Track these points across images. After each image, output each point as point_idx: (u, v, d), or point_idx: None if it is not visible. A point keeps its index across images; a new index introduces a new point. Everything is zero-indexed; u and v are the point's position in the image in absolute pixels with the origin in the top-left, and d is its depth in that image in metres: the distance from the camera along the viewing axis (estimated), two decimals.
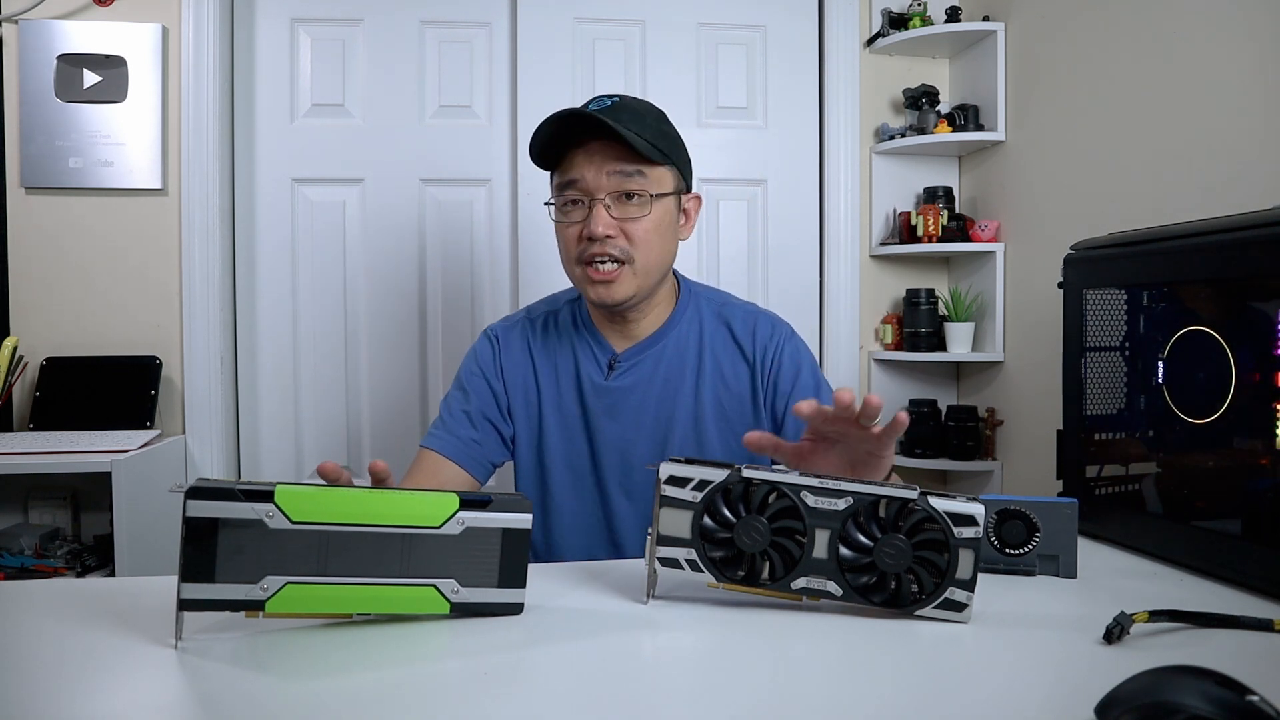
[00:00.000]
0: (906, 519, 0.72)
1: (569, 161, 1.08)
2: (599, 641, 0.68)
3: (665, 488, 0.74)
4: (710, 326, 1.18)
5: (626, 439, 1.14)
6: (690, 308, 1.19)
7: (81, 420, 1.87)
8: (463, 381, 1.19)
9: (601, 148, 1.06)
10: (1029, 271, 2.01)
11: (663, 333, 1.16)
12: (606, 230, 1.05)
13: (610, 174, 1.05)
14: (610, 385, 1.15)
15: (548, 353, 1.18)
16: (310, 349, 2.10)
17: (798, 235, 2.24)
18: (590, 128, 1.05)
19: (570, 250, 1.10)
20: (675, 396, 1.15)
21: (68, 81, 1.91)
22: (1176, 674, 0.50)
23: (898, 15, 2.18)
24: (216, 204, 1.98)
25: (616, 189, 1.06)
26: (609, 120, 1.02)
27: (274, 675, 0.61)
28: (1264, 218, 0.83)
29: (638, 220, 1.07)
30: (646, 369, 1.15)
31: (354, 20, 2.09)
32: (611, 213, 1.06)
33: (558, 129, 1.05)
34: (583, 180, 1.06)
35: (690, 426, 1.15)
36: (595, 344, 1.17)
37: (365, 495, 0.68)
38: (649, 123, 1.08)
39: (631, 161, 1.05)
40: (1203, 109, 1.48)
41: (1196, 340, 0.90)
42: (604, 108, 1.06)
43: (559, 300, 1.24)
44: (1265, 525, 0.81)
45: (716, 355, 1.16)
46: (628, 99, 1.10)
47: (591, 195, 1.06)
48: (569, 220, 1.09)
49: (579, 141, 1.07)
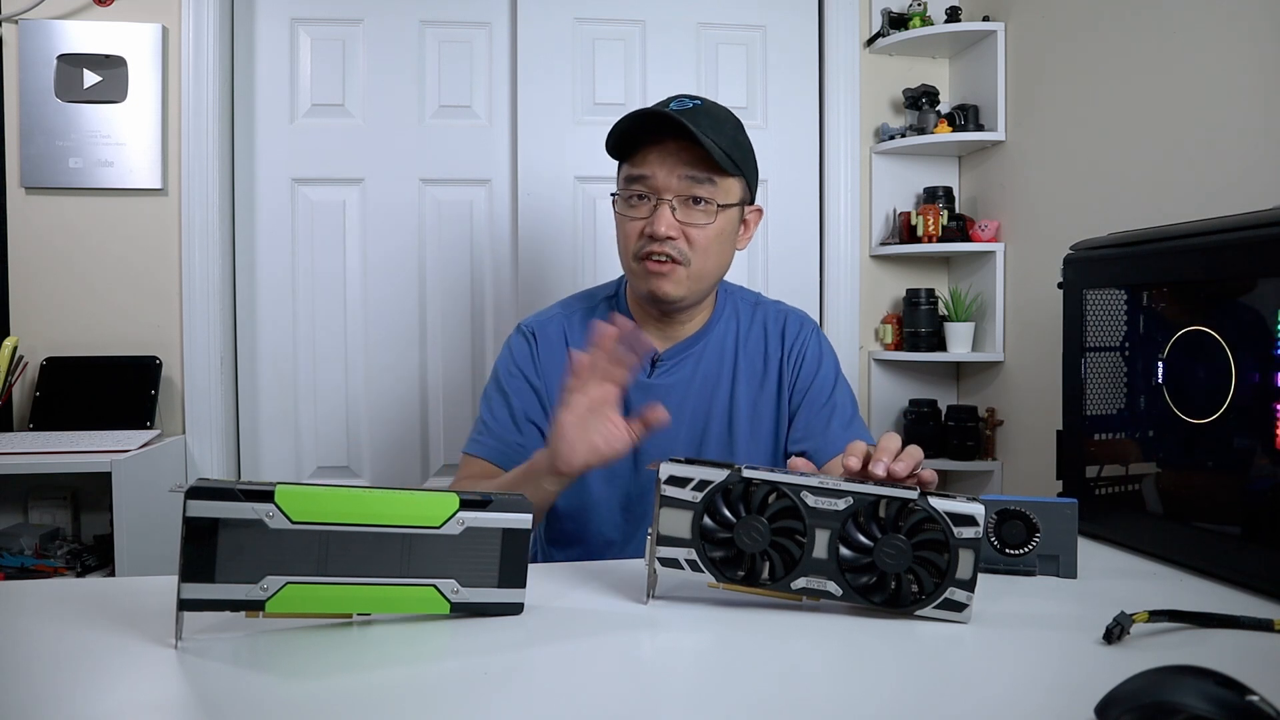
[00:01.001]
0: (906, 519, 0.72)
1: (641, 156, 1.07)
2: (599, 641, 0.68)
3: (665, 488, 0.74)
4: (745, 327, 1.19)
5: (668, 436, 1.13)
6: (728, 308, 1.20)
7: (81, 420, 1.87)
8: (501, 382, 1.17)
9: (677, 149, 1.05)
10: (1029, 271, 2.01)
11: (703, 333, 1.17)
12: (669, 231, 1.05)
13: (681, 177, 1.05)
14: (653, 383, 1.14)
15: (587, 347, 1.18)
16: (310, 349, 2.10)
17: (798, 235, 2.24)
18: (668, 127, 1.04)
19: (629, 245, 1.09)
20: (712, 396, 1.15)
21: (68, 81, 1.91)
22: (1176, 674, 0.50)
23: (898, 15, 2.18)
24: (216, 204, 1.98)
25: (685, 192, 1.06)
26: (689, 124, 1.02)
27: (274, 675, 0.61)
28: (1264, 218, 0.83)
29: (702, 227, 1.07)
30: (688, 369, 1.15)
31: (354, 20, 2.09)
32: (676, 215, 1.06)
33: (639, 123, 1.05)
34: (653, 178, 1.06)
35: (725, 426, 1.15)
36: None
37: (365, 495, 0.68)
38: (727, 131, 1.08)
39: (704, 169, 1.05)
40: (1203, 109, 1.48)
41: (1196, 340, 0.90)
42: (685, 109, 1.06)
43: (596, 296, 1.23)
44: (1265, 525, 0.81)
45: (751, 355, 1.17)
46: (709, 103, 1.10)
47: (659, 194, 1.06)
48: (633, 215, 1.09)
49: (655, 139, 1.06)
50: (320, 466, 2.11)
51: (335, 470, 2.12)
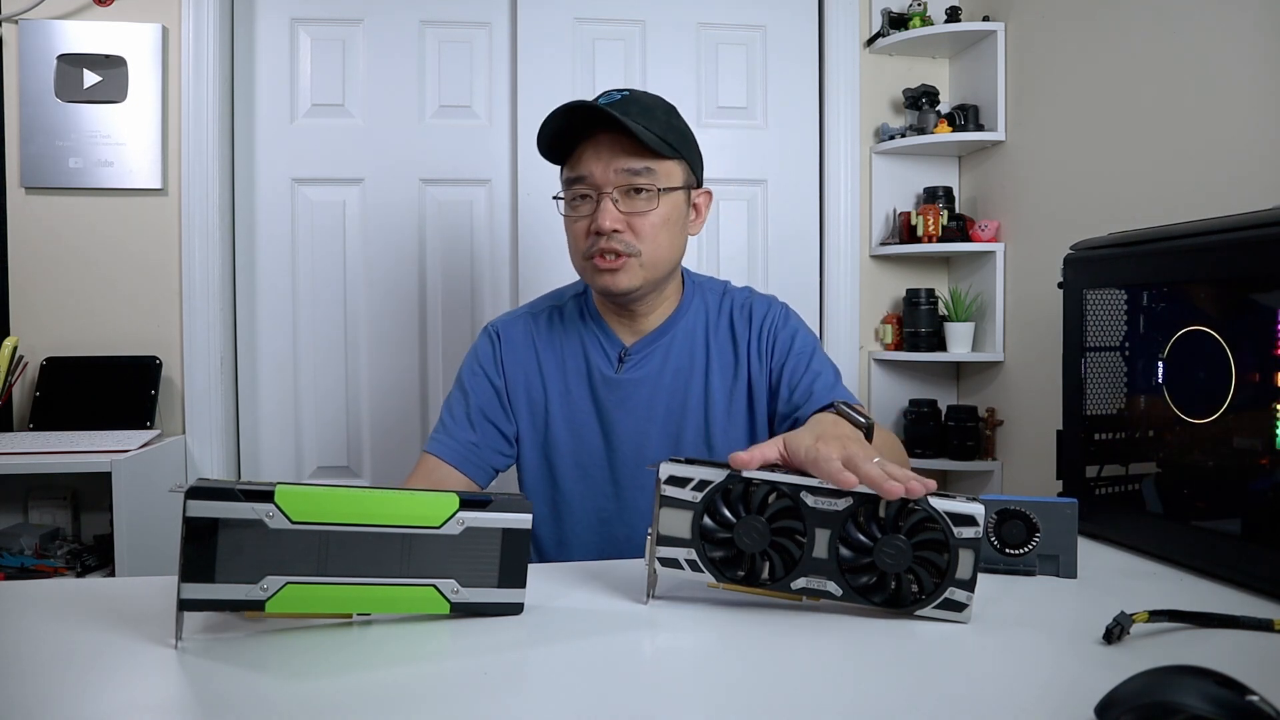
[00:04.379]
0: (906, 519, 0.72)
1: (577, 156, 1.08)
2: (599, 641, 0.68)
3: (665, 488, 0.74)
4: (714, 316, 1.18)
5: (640, 432, 1.14)
6: (696, 299, 1.19)
7: (81, 420, 1.87)
8: (463, 382, 1.18)
9: (610, 142, 1.05)
10: (1029, 271, 2.01)
11: (669, 325, 1.16)
12: (614, 225, 1.05)
13: (619, 170, 1.05)
14: (621, 378, 1.14)
15: (553, 346, 1.17)
16: (310, 349, 2.10)
17: (798, 235, 2.24)
18: (599, 121, 1.04)
19: (578, 244, 1.09)
20: (686, 388, 1.15)
21: (68, 81, 1.91)
22: (1176, 674, 0.50)
23: (898, 15, 2.18)
24: (216, 204, 1.98)
25: (624, 184, 1.06)
26: (617, 114, 1.01)
27: (274, 675, 0.61)
28: (1264, 218, 0.83)
29: (645, 214, 1.06)
30: (656, 361, 1.15)
31: (354, 20, 2.09)
32: (619, 207, 1.06)
33: (566, 121, 1.05)
34: (591, 175, 1.06)
35: (701, 417, 1.15)
36: (603, 337, 1.16)
37: (365, 495, 0.68)
38: (659, 116, 1.07)
39: (639, 156, 1.05)
40: (1203, 108, 1.48)
41: (1196, 340, 0.90)
42: (613, 101, 1.06)
43: (564, 295, 1.23)
44: (1265, 525, 0.81)
45: (721, 344, 1.17)
46: (638, 93, 1.09)
47: (599, 190, 1.06)
48: (577, 215, 1.09)
49: (587, 135, 1.06)
50: (320, 466, 2.11)
51: (335, 470, 2.12)
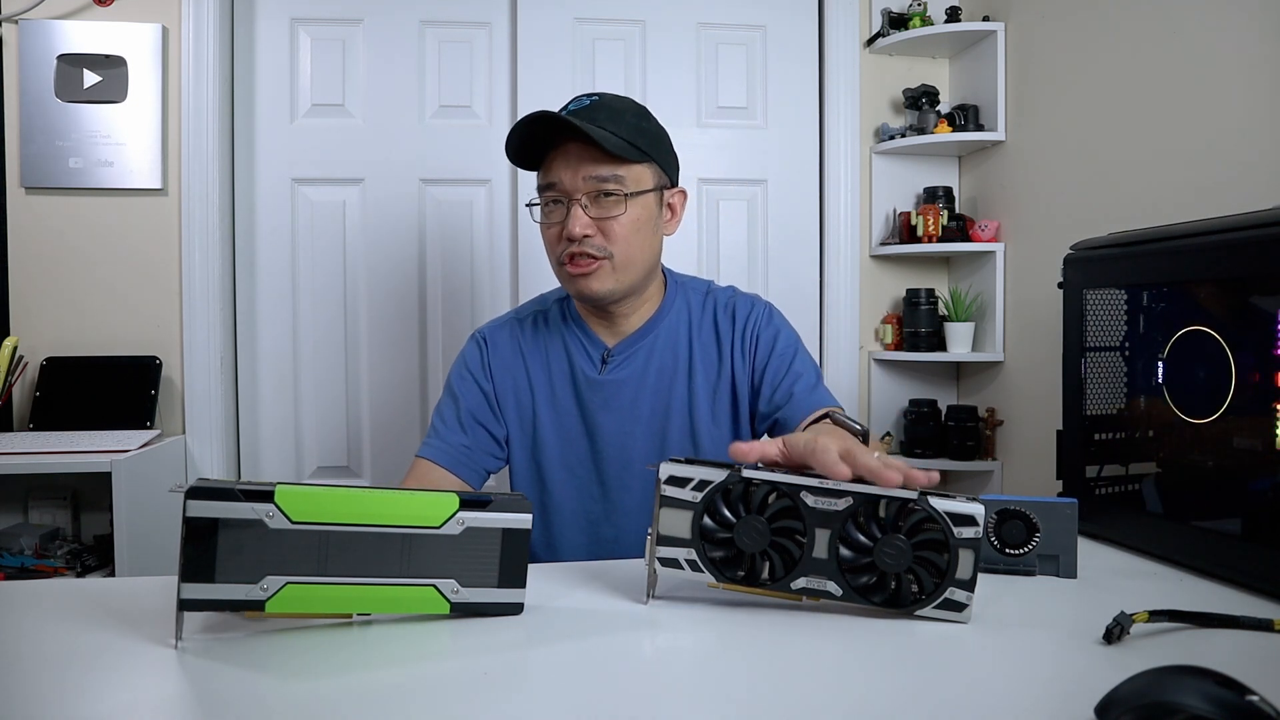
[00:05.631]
0: (906, 519, 0.72)
1: (547, 164, 1.09)
2: (599, 641, 0.68)
3: (665, 488, 0.74)
4: (697, 315, 1.19)
5: (624, 432, 1.15)
6: (678, 299, 1.20)
7: (81, 420, 1.87)
8: (452, 387, 1.19)
9: (578, 149, 1.06)
10: (1029, 271, 2.01)
11: (651, 326, 1.17)
12: (584, 230, 1.06)
13: (586, 177, 1.06)
14: (604, 379, 1.15)
15: (539, 349, 1.19)
16: (310, 349, 2.10)
17: (798, 235, 2.24)
18: (566, 130, 1.05)
19: (553, 249, 1.11)
20: (670, 388, 1.16)
21: (68, 81, 1.91)
22: (1176, 674, 0.50)
23: (898, 15, 2.18)
24: (216, 204, 1.98)
25: (593, 190, 1.07)
26: (580, 123, 1.02)
27: (274, 675, 0.61)
28: (1264, 218, 0.83)
29: (615, 218, 1.07)
30: (639, 362, 1.16)
31: (354, 20, 2.09)
32: (589, 212, 1.07)
33: (531, 131, 1.06)
34: (560, 182, 1.07)
35: (685, 417, 1.16)
36: (586, 339, 1.17)
37: (365, 495, 0.68)
38: (626, 120, 1.08)
39: (607, 163, 1.06)
40: (1203, 108, 1.48)
41: (1196, 340, 0.90)
42: (581, 107, 1.07)
43: (548, 299, 1.24)
44: (1265, 525, 0.81)
45: (705, 344, 1.18)
46: (607, 97, 1.10)
47: (569, 196, 1.07)
48: (550, 221, 1.10)
49: (557, 142, 1.08)
50: (320, 466, 2.11)
51: (335, 470, 2.12)
